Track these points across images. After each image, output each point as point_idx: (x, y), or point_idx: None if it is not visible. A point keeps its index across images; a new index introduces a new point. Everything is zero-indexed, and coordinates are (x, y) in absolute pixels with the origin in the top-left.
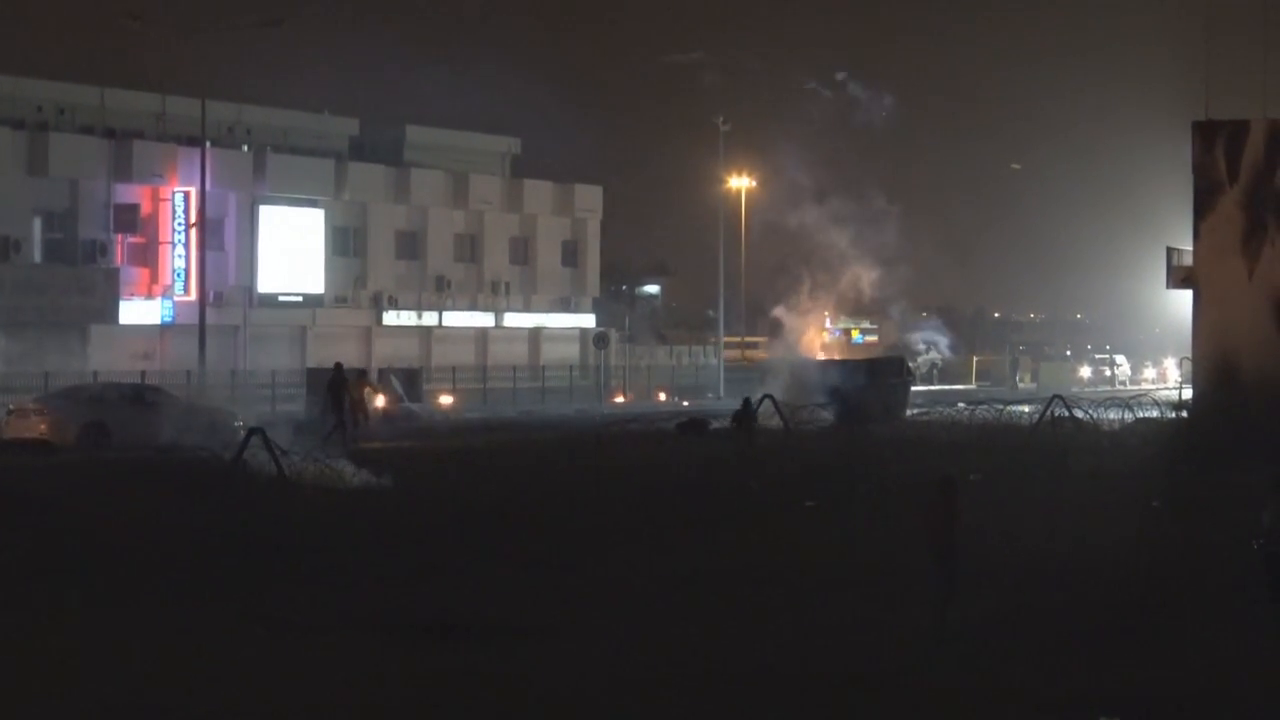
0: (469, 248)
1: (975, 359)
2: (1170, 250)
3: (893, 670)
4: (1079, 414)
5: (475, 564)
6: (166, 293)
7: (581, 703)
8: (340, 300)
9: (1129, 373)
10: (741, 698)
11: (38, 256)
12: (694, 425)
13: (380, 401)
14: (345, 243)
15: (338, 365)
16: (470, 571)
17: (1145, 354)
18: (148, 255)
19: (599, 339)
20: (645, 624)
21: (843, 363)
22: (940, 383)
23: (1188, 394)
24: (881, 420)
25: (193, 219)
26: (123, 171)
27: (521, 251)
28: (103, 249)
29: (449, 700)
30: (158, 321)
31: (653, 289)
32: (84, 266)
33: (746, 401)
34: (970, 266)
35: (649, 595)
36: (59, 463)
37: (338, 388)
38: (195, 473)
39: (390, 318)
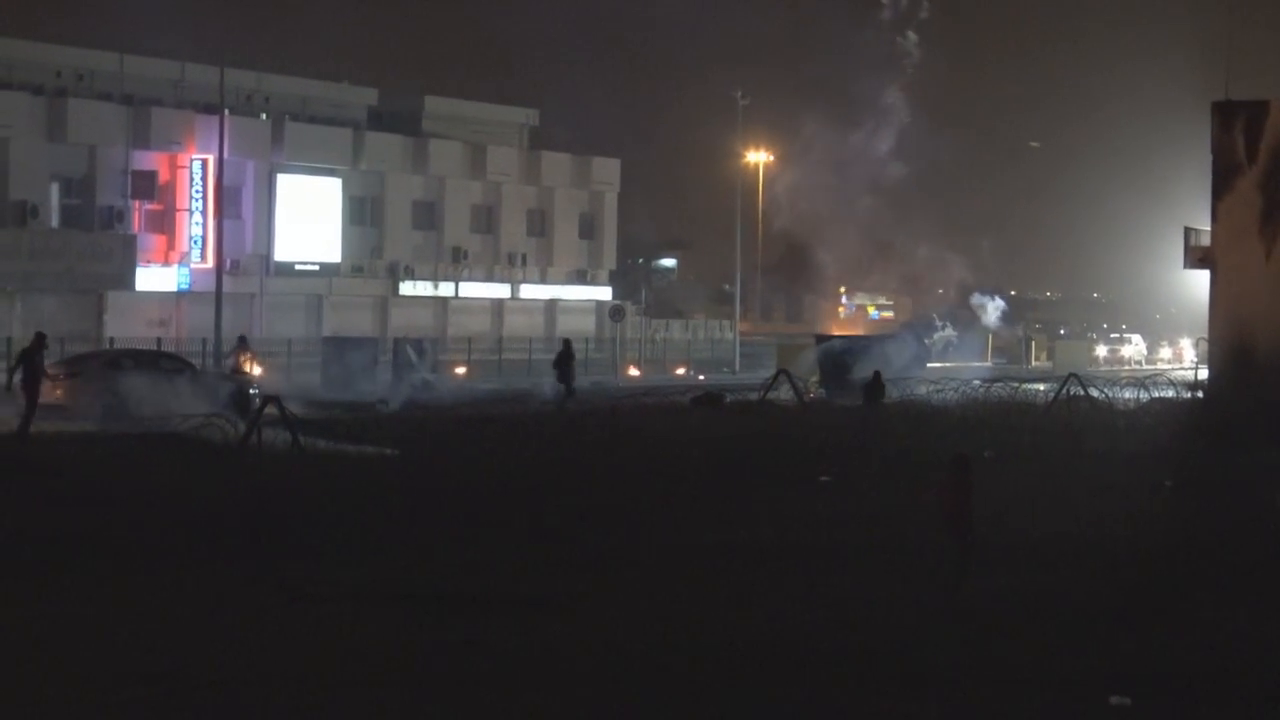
0: (486, 219)
1: (991, 337)
2: (1188, 230)
3: (905, 645)
4: (1094, 393)
5: (486, 535)
6: (183, 260)
7: (592, 673)
8: (356, 270)
9: (1145, 352)
10: (752, 670)
11: (55, 222)
12: (709, 400)
13: (257, 370)
14: (362, 212)
15: (566, 341)
16: (481, 542)
17: (1161, 333)
18: (165, 222)
19: (615, 312)
20: (657, 597)
21: (856, 338)
22: (956, 359)
23: (1203, 374)
24: (882, 399)
25: (211, 186)
26: (141, 138)
27: (538, 223)
28: (120, 215)
29: (460, 670)
30: (174, 289)
31: (669, 263)
32: (101, 233)
33: (877, 375)
34: (988, 244)
35: (662, 568)
36: (74, 430)
37: (564, 362)
38: (210, 440)
39: (406, 288)
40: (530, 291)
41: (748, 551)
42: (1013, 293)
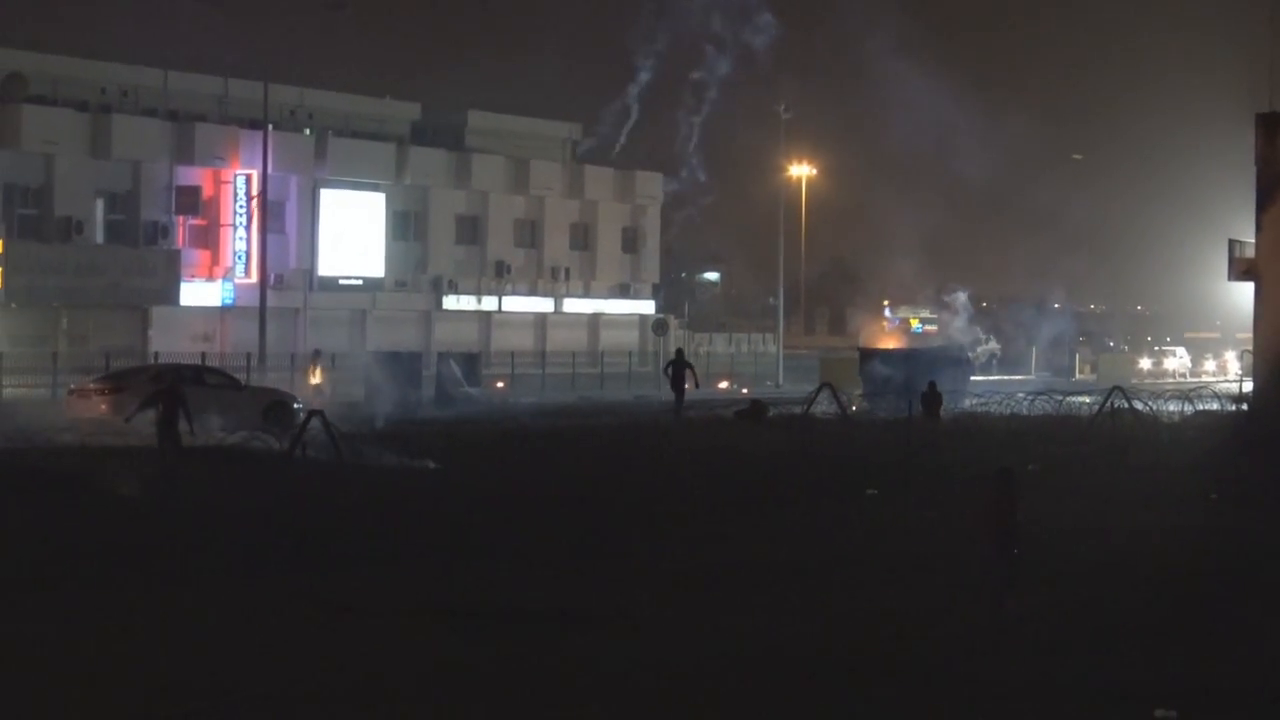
0: (529, 233)
1: (1035, 349)
2: (1232, 242)
3: (949, 659)
4: (1139, 406)
5: (528, 549)
6: (227, 275)
7: (631, 688)
8: (400, 284)
9: (1189, 365)
10: (794, 686)
11: (100, 238)
12: (753, 412)
13: (315, 380)
14: (406, 227)
15: (679, 351)
16: (523, 556)
17: (1205, 346)
18: (209, 237)
19: (658, 325)
20: (699, 611)
21: (900, 351)
22: (999, 372)
23: (1248, 386)
24: (940, 409)
25: (254, 199)
26: (185, 154)
27: (582, 237)
28: (164, 231)
29: (499, 684)
30: (218, 304)
31: (712, 276)
32: (145, 248)
33: (932, 385)
34: (1031, 257)
35: (704, 582)
36: (119, 443)
37: (679, 370)
38: (254, 455)
39: (450, 302)
40: (573, 305)
41: (793, 565)
42: (1056, 305)
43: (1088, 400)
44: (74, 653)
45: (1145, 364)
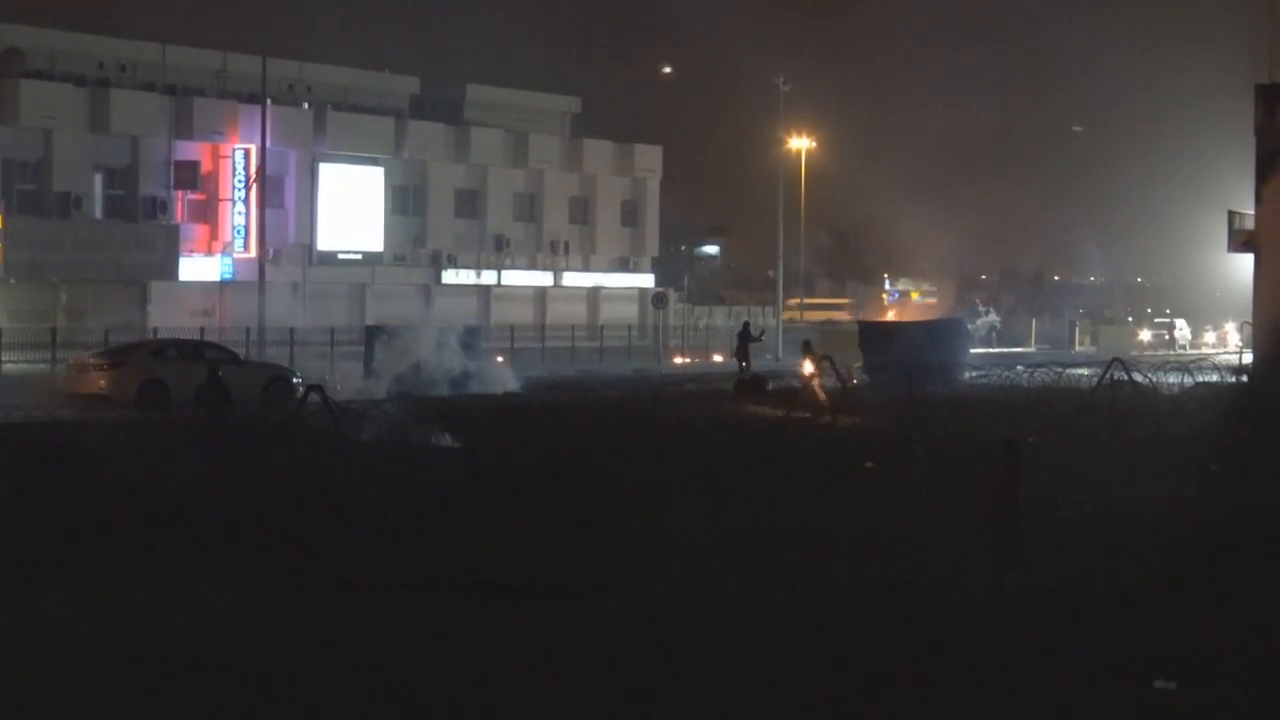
0: (528, 207)
1: (1035, 322)
2: (1232, 214)
3: (951, 632)
4: (1138, 378)
5: (529, 522)
6: (226, 250)
7: (632, 661)
8: (399, 258)
9: (1189, 337)
10: (794, 658)
11: (99, 213)
12: (752, 385)
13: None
14: (405, 201)
15: (745, 323)
16: (524, 530)
17: (1205, 318)
18: (208, 212)
19: (657, 299)
20: (698, 584)
21: (902, 324)
22: (999, 345)
23: (1248, 358)
24: (940, 382)
25: (253, 175)
26: (183, 128)
27: (581, 211)
28: (163, 206)
29: (502, 658)
30: (217, 278)
31: (712, 249)
32: (144, 223)
33: (912, 362)
34: (1030, 229)
35: (704, 555)
36: (118, 419)
37: (744, 341)
38: (254, 430)
39: (449, 276)
40: (573, 279)
41: (793, 538)
42: (1056, 277)
43: (1087, 373)
44: (71, 627)
45: (1145, 336)
